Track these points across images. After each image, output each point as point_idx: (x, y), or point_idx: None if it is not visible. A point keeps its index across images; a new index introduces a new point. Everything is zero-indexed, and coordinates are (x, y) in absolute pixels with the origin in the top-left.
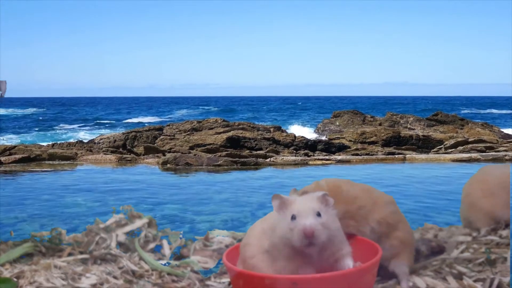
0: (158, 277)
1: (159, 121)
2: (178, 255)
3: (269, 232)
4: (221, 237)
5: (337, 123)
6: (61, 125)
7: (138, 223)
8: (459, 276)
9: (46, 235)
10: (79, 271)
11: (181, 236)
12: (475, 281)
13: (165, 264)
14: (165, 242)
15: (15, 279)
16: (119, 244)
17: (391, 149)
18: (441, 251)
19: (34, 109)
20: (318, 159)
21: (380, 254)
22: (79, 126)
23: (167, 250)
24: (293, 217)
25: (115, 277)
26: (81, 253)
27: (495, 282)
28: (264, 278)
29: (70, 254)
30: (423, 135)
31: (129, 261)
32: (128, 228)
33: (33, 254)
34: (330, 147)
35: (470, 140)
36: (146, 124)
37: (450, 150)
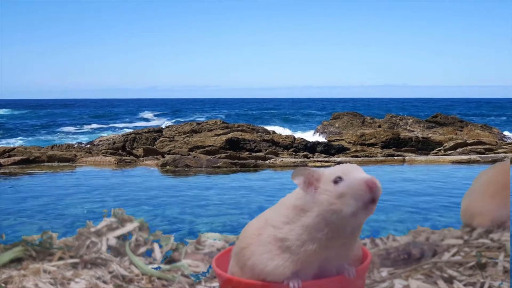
0: (148, 282)
1: (159, 123)
2: (169, 259)
3: (290, 219)
4: (212, 240)
5: (337, 125)
6: (60, 127)
7: (129, 227)
8: (449, 280)
9: (37, 238)
10: (68, 275)
11: (172, 239)
12: (465, 285)
13: (156, 268)
14: (156, 246)
15: (3, 285)
16: (110, 248)
17: (390, 151)
18: (433, 255)
19: (35, 110)
20: (318, 161)
21: (369, 259)
22: (78, 128)
23: (158, 254)
24: (338, 180)
25: (104, 282)
26: (72, 257)
27: (485, 286)
28: (253, 285)
29: (60, 258)
30: (422, 137)
31: (119, 265)
32: (119, 232)
33: (23, 258)
34: (329, 149)
35: (469, 142)
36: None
37: (450, 152)
